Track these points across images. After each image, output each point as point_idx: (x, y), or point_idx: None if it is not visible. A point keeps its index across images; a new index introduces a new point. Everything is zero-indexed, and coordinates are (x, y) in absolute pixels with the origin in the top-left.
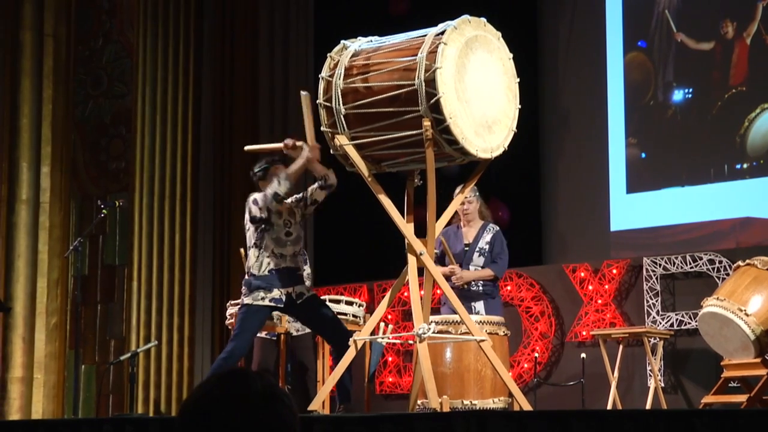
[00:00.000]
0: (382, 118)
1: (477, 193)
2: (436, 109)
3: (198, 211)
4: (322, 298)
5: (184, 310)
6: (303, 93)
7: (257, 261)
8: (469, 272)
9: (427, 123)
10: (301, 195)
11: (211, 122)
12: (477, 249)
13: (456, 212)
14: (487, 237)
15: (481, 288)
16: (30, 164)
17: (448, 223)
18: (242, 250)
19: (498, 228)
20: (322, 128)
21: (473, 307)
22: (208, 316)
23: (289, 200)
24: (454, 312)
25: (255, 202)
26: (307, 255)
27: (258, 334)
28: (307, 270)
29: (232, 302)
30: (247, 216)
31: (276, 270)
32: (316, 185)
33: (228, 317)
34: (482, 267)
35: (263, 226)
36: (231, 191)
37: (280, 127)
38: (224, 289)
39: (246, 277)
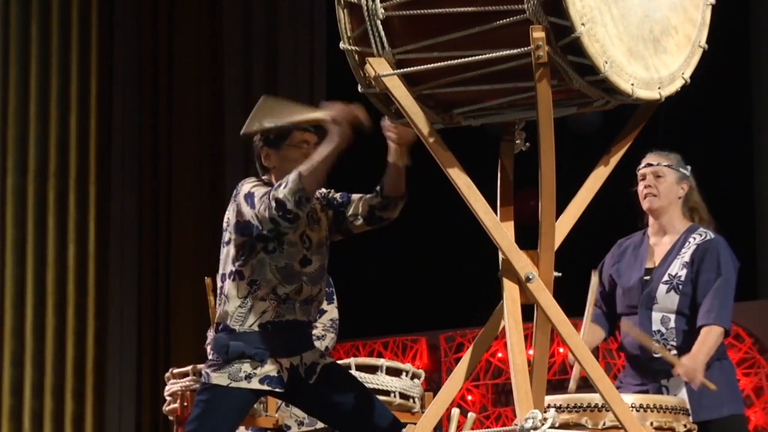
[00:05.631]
0: (453, 25)
1: (679, 164)
2: (555, 6)
3: (110, 202)
4: (343, 363)
5: (84, 382)
6: None
7: (241, 306)
8: (697, 357)
9: (539, 33)
10: (339, 196)
11: (135, 50)
12: (665, 276)
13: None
14: (688, 251)
15: (674, 343)
16: None
17: (637, 225)
18: (209, 279)
19: (715, 236)
20: (342, 45)
21: (665, 388)
22: (127, 395)
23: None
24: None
25: (250, 198)
26: (330, 279)
27: None
28: (330, 313)
29: (176, 370)
30: (231, 216)
31: (274, 325)
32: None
33: (168, 398)
34: (677, 312)
35: (263, 245)
36: (176, 169)
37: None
38: (159, 345)
39: (216, 332)
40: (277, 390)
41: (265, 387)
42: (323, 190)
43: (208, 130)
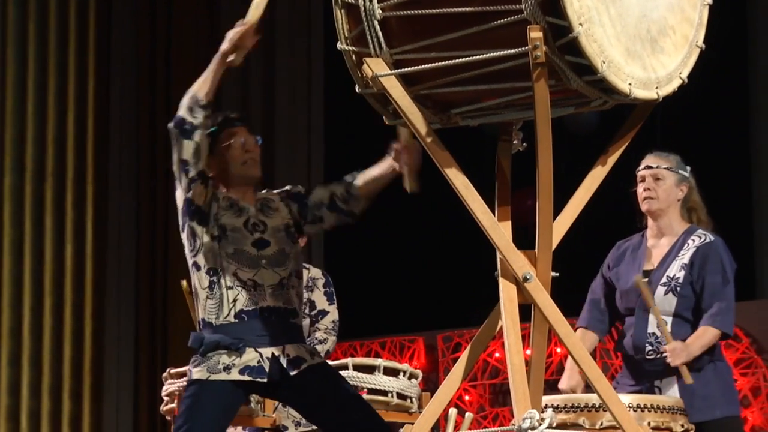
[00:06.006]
0: (450, 26)
1: (679, 165)
2: (553, 6)
3: (107, 202)
4: (340, 363)
5: (81, 382)
6: None
7: (209, 297)
8: (688, 346)
9: (537, 33)
10: (304, 190)
11: (133, 49)
12: (663, 278)
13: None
14: (687, 253)
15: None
16: None
17: (636, 226)
18: (185, 282)
19: (715, 238)
20: (339, 45)
21: (657, 389)
22: (125, 395)
23: (272, 191)
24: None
25: (175, 179)
26: (329, 279)
27: None
28: (332, 314)
29: (174, 370)
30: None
31: (250, 313)
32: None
33: (165, 398)
34: (674, 315)
35: (203, 229)
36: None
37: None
38: (156, 345)
39: (199, 329)
40: (259, 380)
41: (246, 377)
42: (288, 187)
43: None
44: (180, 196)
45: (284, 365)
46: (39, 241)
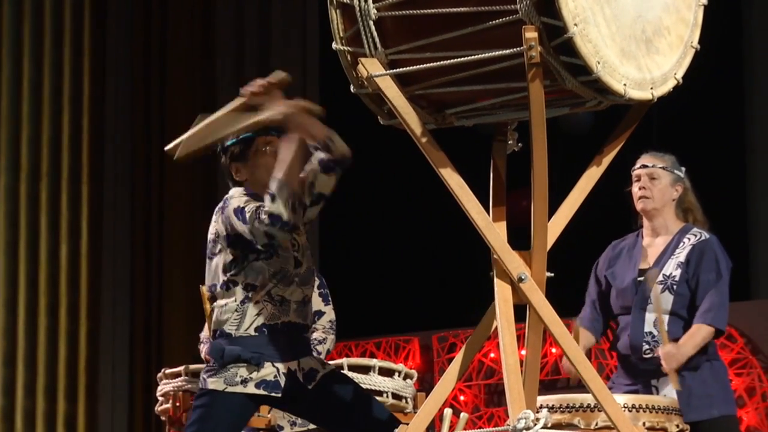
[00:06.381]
0: (446, 26)
1: (674, 165)
2: (548, 6)
3: (102, 202)
4: (336, 363)
5: (76, 382)
6: None
7: (237, 310)
8: (681, 347)
9: (532, 33)
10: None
11: (127, 49)
12: (660, 277)
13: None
14: (683, 252)
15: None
16: None
17: (631, 226)
18: (204, 288)
19: (710, 236)
20: (334, 46)
21: (655, 388)
22: (120, 395)
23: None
24: (635, 390)
25: (241, 213)
26: (324, 281)
27: None
28: (328, 314)
29: (169, 371)
30: (221, 229)
31: (271, 328)
32: (315, 163)
33: (160, 398)
34: (670, 313)
35: (256, 255)
36: (168, 169)
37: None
38: (151, 345)
39: (213, 338)
40: (273, 395)
41: (262, 391)
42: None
43: None
44: (242, 232)
45: (300, 380)
46: (34, 241)
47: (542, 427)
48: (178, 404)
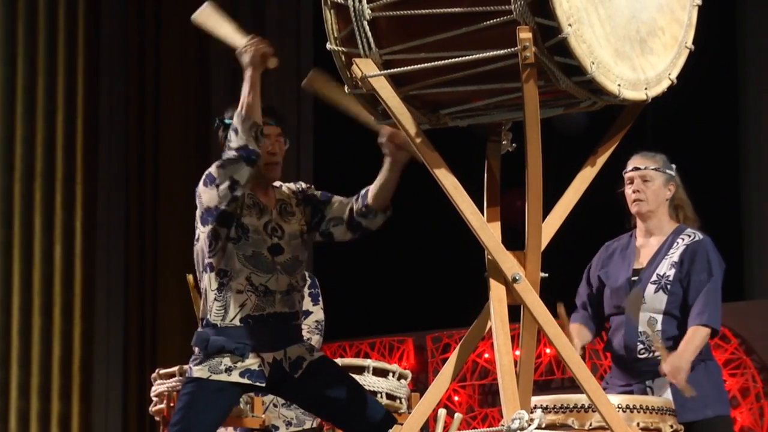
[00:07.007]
0: (440, 26)
1: (665, 165)
2: (542, 6)
3: (96, 202)
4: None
5: (70, 382)
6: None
7: (217, 299)
8: (683, 356)
9: (526, 34)
10: (320, 195)
11: (122, 49)
12: (653, 276)
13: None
14: (677, 252)
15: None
16: None
17: (624, 226)
18: (191, 277)
19: (703, 236)
20: (329, 46)
21: (650, 389)
22: (114, 395)
23: (289, 187)
24: (630, 390)
25: (208, 176)
26: (315, 280)
27: None
28: (315, 314)
29: (163, 371)
30: (198, 210)
31: (256, 318)
32: (373, 191)
33: (154, 399)
34: (664, 312)
35: (226, 231)
36: (162, 169)
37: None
38: (146, 346)
39: (200, 327)
40: (258, 384)
41: (246, 380)
42: (302, 185)
43: (194, 131)
44: (209, 201)
45: (287, 369)
46: (28, 241)
47: (536, 428)
48: (172, 405)
